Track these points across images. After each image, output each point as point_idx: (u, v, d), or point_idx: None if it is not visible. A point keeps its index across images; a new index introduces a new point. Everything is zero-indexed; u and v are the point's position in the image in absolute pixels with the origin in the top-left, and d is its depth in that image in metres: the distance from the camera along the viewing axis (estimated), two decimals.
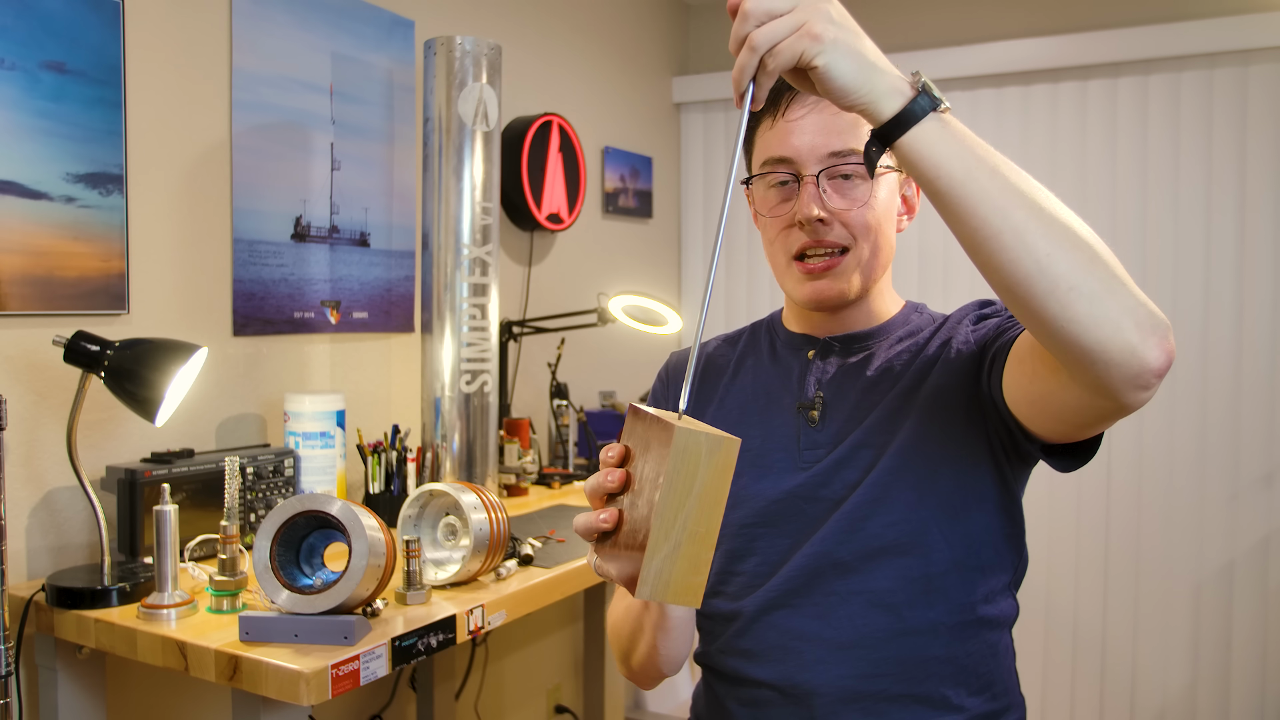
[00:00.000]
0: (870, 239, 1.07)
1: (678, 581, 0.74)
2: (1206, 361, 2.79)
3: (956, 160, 0.80)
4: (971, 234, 0.80)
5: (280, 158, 1.99)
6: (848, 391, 1.10)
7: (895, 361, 1.09)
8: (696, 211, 3.50)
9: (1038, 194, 0.80)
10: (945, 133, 0.80)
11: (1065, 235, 0.78)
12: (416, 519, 1.57)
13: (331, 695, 1.23)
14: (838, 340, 1.13)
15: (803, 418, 1.10)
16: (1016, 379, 0.95)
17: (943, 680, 1.04)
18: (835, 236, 1.06)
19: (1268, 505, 2.75)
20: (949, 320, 1.12)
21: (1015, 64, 2.94)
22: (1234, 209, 2.76)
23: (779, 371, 1.16)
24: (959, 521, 1.04)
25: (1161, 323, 0.78)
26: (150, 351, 1.51)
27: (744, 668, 1.09)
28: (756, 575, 1.09)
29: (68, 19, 1.62)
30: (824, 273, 1.07)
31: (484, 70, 1.96)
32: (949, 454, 1.03)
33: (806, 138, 1.06)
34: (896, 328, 1.13)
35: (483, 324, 1.98)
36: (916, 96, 0.79)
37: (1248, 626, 2.77)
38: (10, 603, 1.43)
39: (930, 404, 1.05)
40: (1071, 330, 0.77)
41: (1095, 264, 0.78)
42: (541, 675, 2.81)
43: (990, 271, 0.80)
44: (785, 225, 1.08)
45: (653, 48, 3.35)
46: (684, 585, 0.74)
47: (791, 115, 1.07)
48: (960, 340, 1.07)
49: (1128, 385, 0.79)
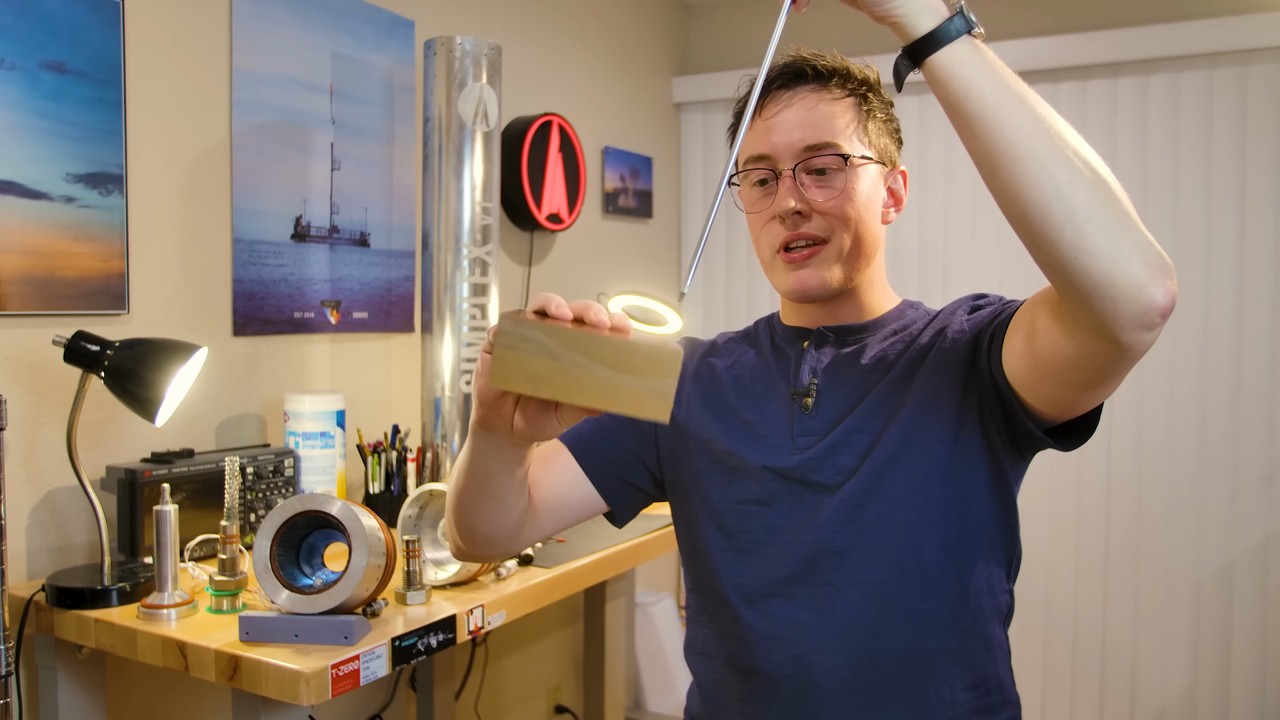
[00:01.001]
0: (850, 229, 1.09)
1: (515, 358, 0.73)
2: (1206, 361, 2.79)
3: (986, 83, 0.81)
4: (994, 158, 0.81)
5: (280, 158, 1.99)
6: (841, 379, 1.11)
7: (889, 350, 1.10)
8: (696, 212, 3.50)
9: (1061, 126, 0.81)
10: (976, 55, 0.82)
11: (1086, 167, 0.80)
12: (416, 519, 1.57)
13: (331, 695, 1.23)
14: (832, 331, 1.14)
15: (797, 404, 1.12)
16: (1016, 345, 0.95)
17: (936, 673, 1.04)
18: (813, 228, 1.08)
19: (1268, 505, 2.75)
20: (943, 312, 1.13)
21: (1015, 64, 2.90)
22: (1234, 209, 2.76)
23: (776, 361, 1.18)
24: (953, 512, 1.04)
25: (1167, 264, 0.80)
26: (150, 351, 1.51)
27: (739, 655, 1.09)
28: (749, 553, 1.09)
29: (68, 19, 1.62)
30: (805, 262, 1.09)
31: (484, 70, 1.96)
32: (944, 444, 1.04)
33: (783, 134, 1.08)
34: (891, 321, 1.14)
35: (483, 324, 1.98)
36: (953, 16, 0.81)
37: (1248, 626, 2.77)
38: (10, 603, 1.43)
39: (924, 392, 1.05)
40: (1083, 261, 0.78)
41: (1112, 199, 0.80)
42: (541, 675, 2.81)
43: (1008, 198, 0.81)
44: (767, 220, 1.11)
45: (653, 48, 3.35)
46: (511, 367, 0.73)
47: (768, 113, 1.10)
48: (955, 329, 1.08)
49: (1132, 323, 0.80)
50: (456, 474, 1.03)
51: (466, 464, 0.99)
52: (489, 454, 0.96)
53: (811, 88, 1.10)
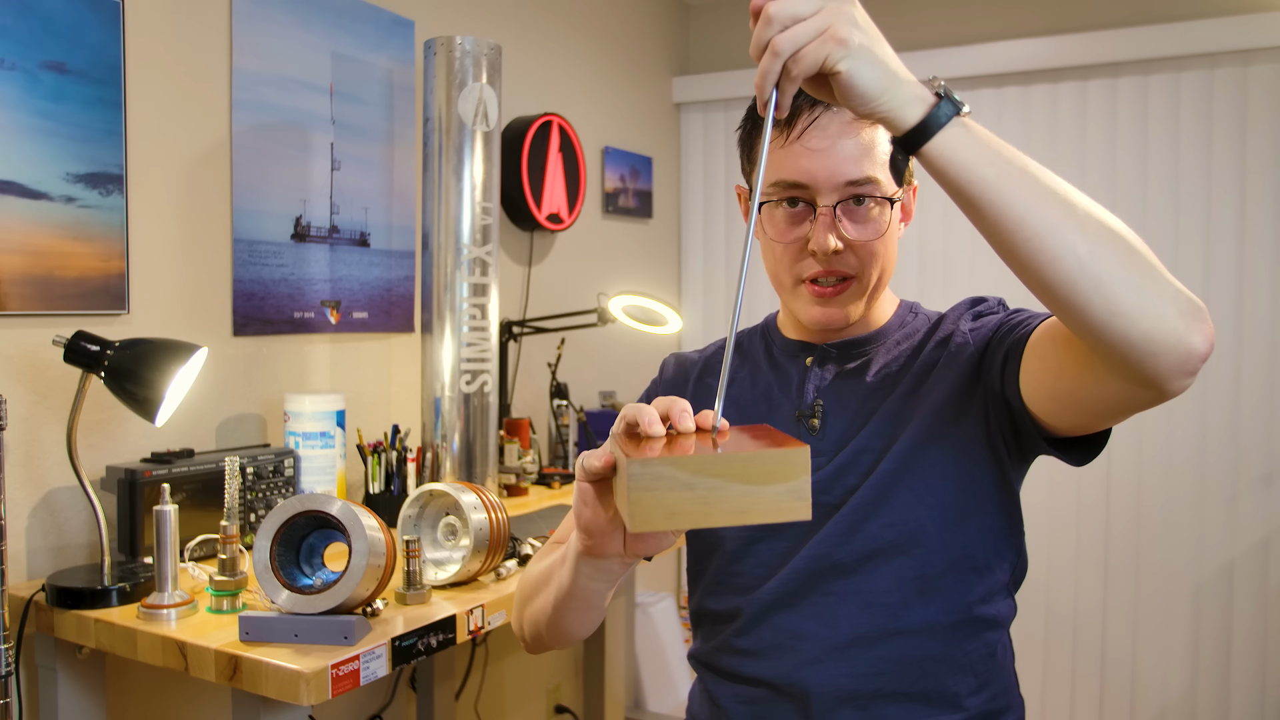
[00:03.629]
0: (879, 265, 1.06)
1: (654, 499, 0.72)
2: (1206, 361, 2.79)
3: (984, 164, 0.78)
4: (1008, 237, 0.79)
5: (280, 158, 1.99)
6: (847, 398, 1.09)
7: (893, 365, 1.09)
8: (696, 211, 3.50)
9: (1069, 191, 0.79)
10: (969, 137, 0.79)
11: (1102, 230, 0.77)
12: (416, 519, 1.57)
13: (331, 695, 1.23)
14: (835, 347, 1.12)
15: (803, 426, 1.10)
16: (1038, 376, 0.93)
17: (940, 679, 1.04)
18: (845, 265, 1.05)
19: (1268, 505, 2.75)
20: (944, 320, 1.11)
21: (1015, 64, 2.94)
22: (1234, 209, 2.76)
23: (777, 378, 1.15)
24: (957, 522, 1.03)
25: (1200, 307, 0.78)
26: (150, 351, 1.51)
27: (742, 666, 1.09)
28: (754, 578, 1.09)
29: (68, 19, 1.62)
30: (834, 297, 1.06)
31: (484, 70, 1.96)
32: (948, 455, 1.03)
33: (823, 165, 1.02)
34: (893, 331, 1.13)
35: (483, 324, 1.98)
36: (939, 103, 0.78)
37: (1248, 626, 2.77)
38: (10, 603, 1.43)
39: (930, 406, 1.04)
40: (1118, 324, 0.76)
41: (1133, 255, 0.77)
42: (541, 675, 2.81)
43: (1029, 274, 0.79)
44: (798, 252, 1.06)
45: (653, 48, 3.35)
46: (653, 508, 0.72)
47: (796, 130, 1.03)
48: (958, 341, 1.06)
49: (1174, 373, 0.78)
50: (547, 593, 1.02)
51: (567, 588, 0.97)
52: (594, 577, 0.95)
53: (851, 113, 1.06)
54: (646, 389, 1.27)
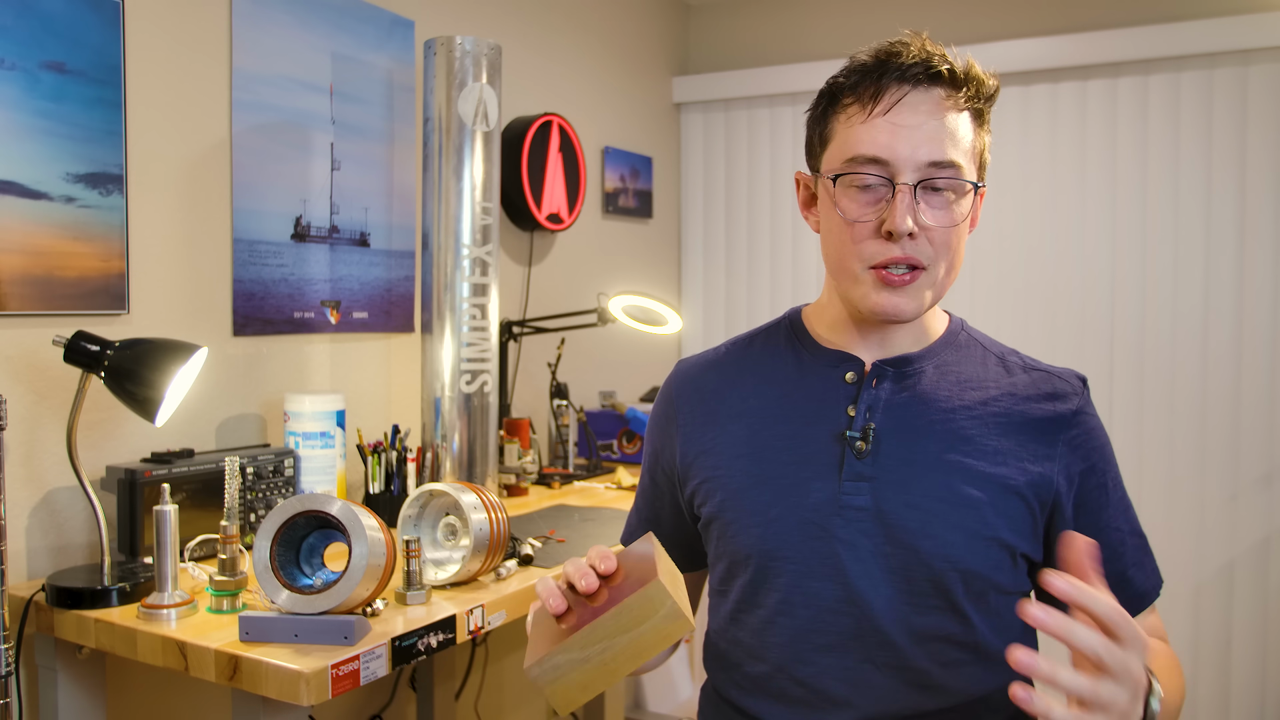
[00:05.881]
0: (949, 257, 1.02)
1: (563, 685, 0.82)
2: (1206, 362, 2.79)
3: None
4: None
5: (280, 158, 1.99)
6: (898, 421, 1.04)
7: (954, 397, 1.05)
8: (696, 211, 3.50)
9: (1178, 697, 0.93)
10: None
11: None
12: (416, 519, 1.57)
13: (331, 695, 1.23)
14: (890, 364, 1.06)
15: (847, 446, 1.04)
16: None
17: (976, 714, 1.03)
18: (918, 253, 0.99)
19: (1268, 505, 2.75)
20: (1060, 385, 1.07)
21: (1015, 64, 2.94)
22: (1234, 209, 2.76)
23: (812, 395, 1.08)
24: (997, 610, 1.02)
25: None
26: (150, 351, 1.51)
27: (766, 712, 1.07)
28: (781, 613, 1.04)
29: (68, 19, 1.62)
30: (903, 287, 1.00)
31: (484, 70, 1.96)
32: (1002, 543, 1.01)
33: (907, 142, 0.97)
34: (940, 350, 1.09)
35: (483, 324, 1.98)
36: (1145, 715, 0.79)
37: (1248, 626, 2.77)
38: (10, 603, 1.43)
39: (997, 491, 1.01)
40: None
41: None
42: None
43: None
44: (871, 233, 1.00)
45: (653, 48, 3.35)
46: (566, 692, 0.83)
47: (883, 106, 0.98)
48: (1060, 469, 1.04)
49: None
50: None
51: None
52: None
53: (944, 92, 0.99)
54: (656, 403, 1.21)
